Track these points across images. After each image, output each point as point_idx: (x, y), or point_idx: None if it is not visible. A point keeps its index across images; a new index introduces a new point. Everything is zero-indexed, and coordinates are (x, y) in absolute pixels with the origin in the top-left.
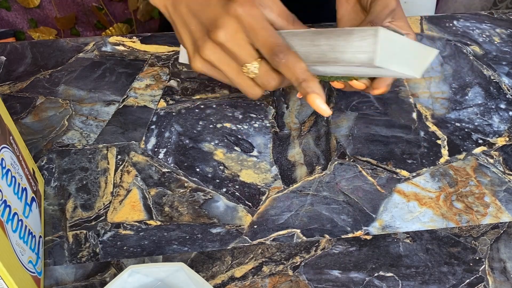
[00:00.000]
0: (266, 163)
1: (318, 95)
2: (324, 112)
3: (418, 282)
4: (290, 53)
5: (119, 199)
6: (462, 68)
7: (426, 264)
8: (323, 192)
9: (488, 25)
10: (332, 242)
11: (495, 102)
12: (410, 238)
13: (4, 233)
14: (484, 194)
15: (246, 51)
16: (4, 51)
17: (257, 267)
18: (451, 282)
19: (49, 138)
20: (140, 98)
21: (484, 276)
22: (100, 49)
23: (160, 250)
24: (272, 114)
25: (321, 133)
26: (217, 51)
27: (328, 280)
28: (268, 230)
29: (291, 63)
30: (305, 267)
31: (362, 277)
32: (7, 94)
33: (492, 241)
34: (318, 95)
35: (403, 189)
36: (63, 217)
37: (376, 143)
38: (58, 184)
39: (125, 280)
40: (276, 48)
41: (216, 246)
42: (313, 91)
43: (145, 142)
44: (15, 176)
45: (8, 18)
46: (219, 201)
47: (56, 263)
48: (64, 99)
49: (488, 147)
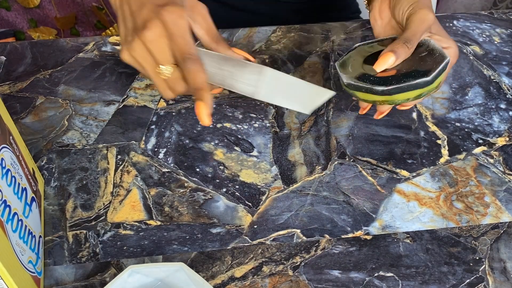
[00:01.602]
0: (266, 163)
1: (205, 104)
2: (203, 119)
3: (418, 282)
4: (197, 63)
5: (119, 199)
6: (462, 68)
7: (426, 264)
8: (323, 192)
9: (488, 25)
10: (332, 242)
11: (495, 102)
12: (410, 238)
13: (4, 233)
14: (484, 194)
15: (164, 54)
16: (4, 51)
17: (257, 267)
18: (451, 282)
19: (49, 138)
20: (140, 98)
21: (484, 276)
22: (100, 49)
23: (160, 250)
24: (272, 114)
25: (321, 133)
26: (141, 49)
27: (328, 280)
28: (268, 230)
29: (195, 71)
30: (305, 267)
31: (362, 277)
32: (7, 94)
33: (492, 241)
34: (205, 104)
35: (403, 189)
36: (63, 217)
37: (376, 143)
38: (58, 184)
39: (125, 280)
40: (187, 55)
41: (216, 246)
42: (202, 99)
43: (145, 142)
44: (15, 176)
45: (8, 18)
46: (219, 201)
47: (56, 263)
48: (64, 99)
49: (488, 147)
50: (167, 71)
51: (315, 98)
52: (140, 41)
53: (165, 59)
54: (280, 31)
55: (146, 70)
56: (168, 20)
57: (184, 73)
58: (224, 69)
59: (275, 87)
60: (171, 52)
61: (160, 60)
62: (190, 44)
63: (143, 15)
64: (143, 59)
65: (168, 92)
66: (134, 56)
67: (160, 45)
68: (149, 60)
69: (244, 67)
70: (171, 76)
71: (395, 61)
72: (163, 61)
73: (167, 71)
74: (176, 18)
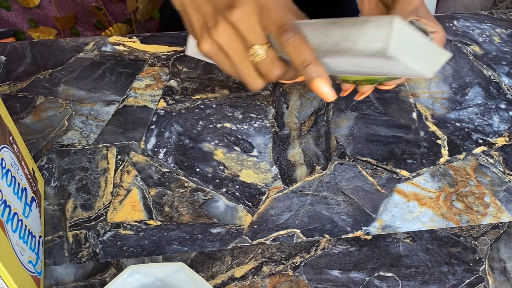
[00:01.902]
0: (266, 163)
1: (323, 79)
2: (328, 96)
3: (418, 282)
4: (298, 34)
5: (119, 199)
6: (462, 68)
7: (426, 264)
8: (323, 192)
9: (488, 25)
10: (332, 242)
11: (495, 102)
12: (410, 238)
13: (4, 233)
14: (484, 194)
15: (257, 33)
16: (4, 51)
17: (257, 267)
18: (451, 282)
19: (49, 138)
20: (140, 98)
21: (484, 276)
22: (100, 49)
23: (160, 250)
24: (272, 114)
25: (321, 133)
26: (228, 32)
27: (328, 280)
28: (268, 230)
29: (298, 44)
30: (305, 267)
31: (362, 277)
32: (7, 94)
33: (492, 241)
34: (323, 79)
35: (403, 189)
36: (63, 217)
37: (376, 143)
38: (58, 184)
39: (125, 280)
40: (285, 27)
41: (216, 246)
42: (318, 75)
43: (145, 142)
44: (15, 176)
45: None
46: (219, 201)
47: (56, 263)
48: (64, 99)
49: (488, 147)
50: (261, 50)
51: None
52: (227, 22)
53: (258, 37)
54: None
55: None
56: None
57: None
58: (333, 34)
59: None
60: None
61: (252, 40)
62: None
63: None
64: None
65: (259, 80)
66: (219, 42)
67: (251, 23)
68: (237, 46)
69: (364, 23)
70: (265, 57)
71: None
72: (256, 40)
73: (261, 50)
74: None
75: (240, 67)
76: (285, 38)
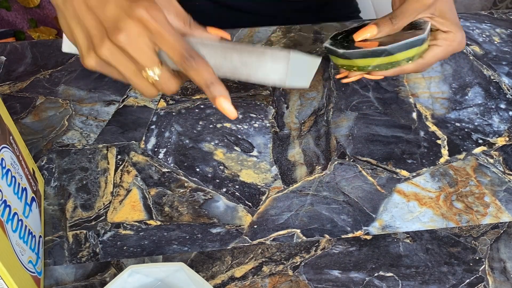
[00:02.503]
0: (266, 163)
1: (225, 97)
2: (230, 113)
3: (418, 282)
4: (199, 59)
5: (119, 199)
6: (462, 68)
7: (426, 264)
8: (323, 192)
9: (488, 25)
10: (332, 242)
11: (495, 102)
12: (410, 238)
13: (4, 233)
14: (484, 194)
15: (148, 56)
16: (4, 51)
17: (257, 267)
18: (451, 282)
19: (49, 138)
20: (140, 98)
21: (484, 276)
22: None
23: (160, 250)
24: (272, 114)
25: (321, 133)
26: (116, 53)
27: (328, 280)
28: (268, 230)
29: (201, 68)
30: (305, 267)
31: (362, 277)
32: (7, 94)
33: (492, 241)
34: (225, 97)
35: (403, 189)
36: (63, 217)
37: (376, 143)
38: (58, 184)
39: (125, 280)
40: (185, 53)
41: (216, 246)
42: (221, 94)
43: (145, 142)
44: (15, 176)
45: (8, 18)
46: (219, 201)
47: (56, 263)
48: (64, 99)
49: (488, 147)
50: (155, 74)
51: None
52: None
53: (151, 61)
54: (280, 31)
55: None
56: (145, 17)
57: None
58: (232, 59)
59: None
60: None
61: (145, 63)
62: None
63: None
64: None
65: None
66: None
67: (141, 46)
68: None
69: (263, 54)
70: (160, 78)
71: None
72: (149, 63)
73: (156, 73)
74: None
75: (134, 81)
76: (187, 64)
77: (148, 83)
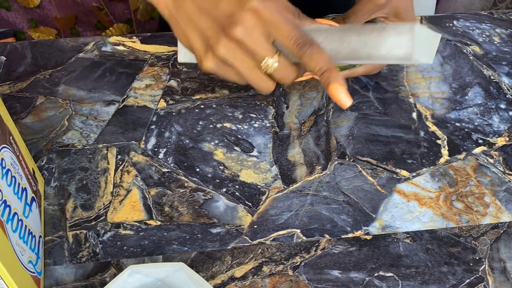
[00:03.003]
0: (266, 163)
1: (340, 84)
2: (344, 102)
3: (418, 282)
4: (313, 44)
5: (119, 199)
6: (462, 68)
7: (426, 264)
8: (323, 192)
9: (488, 25)
10: (332, 242)
11: (495, 102)
12: (410, 238)
13: (4, 233)
14: (484, 194)
15: (265, 46)
16: (4, 51)
17: (257, 267)
18: (451, 282)
19: (49, 138)
20: (140, 98)
21: (484, 276)
22: (100, 49)
23: (160, 250)
24: (272, 114)
25: (321, 133)
26: (233, 48)
27: (328, 280)
28: (268, 230)
29: (316, 54)
30: (305, 267)
31: (362, 277)
32: (7, 94)
33: (492, 241)
34: (340, 84)
35: (403, 189)
36: (63, 217)
37: (376, 143)
38: (58, 184)
39: (125, 280)
40: (300, 40)
41: (216, 246)
42: (336, 81)
43: (145, 142)
44: (15, 176)
45: (8, 18)
46: (219, 201)
47: (56, 263)
48: (64, 99)
49: (488, 147)
50: (273, 62)
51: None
52: (230, 39)
53: (268, 51)
54: None
55: (242, 70)
56: (259, 7)
57: (302, 59)
58: (351, 41)
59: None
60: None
61: (261, 53)
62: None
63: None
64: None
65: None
66: (225, 59)
67: (258, 37)
68: (245, 59)
69: (383, 30)
70: (278, 67)
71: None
72: (265, 52)
73: (274, 62)
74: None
75: (251, 76)
76: (302, 51)
77: (266, 77)
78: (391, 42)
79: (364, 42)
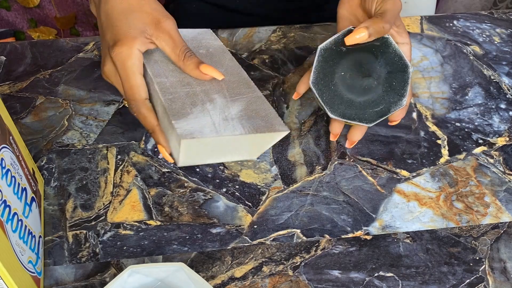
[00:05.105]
0: (266, 163)
1: (162, 147)
2: (166, 158)
3: (418, 282)
4: (143, 108)
5: (119, 199)
6: (462, 68)
7: (426, 264)
8: (323, 192)
9: (488, 25)
10: (332, 242)
11: (495, 102)
12: (410, 238)
13: (4, 233)
14: (484, 194)
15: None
16: (4, 51)
17: (257, 267)
18: (451, 282)
19: (49, 138)
20: None
21: (484, 276)
22: (100, 49)
23: (160, 250)
24: None
25: (321, 133)
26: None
27: (328, 280)
28: (268, 230)
29: (143, 115)
30: (305, 267)
31: (362, 277)
32: (7, 94)
33: (492, 241)
34: (162, 147)
35: (403, 189)
36: (63, 217)
37: (376, 143)
38: (58, 184)
39: (125, 280)
40: (132, 102)
41: (216, 246)
42: (159, 143)
43: (145, 142)
44: (15, 176)
45: (8, 18)
46: (219, 201)
47: (56, 263)
48: (64, 99)
49: (488, 147)
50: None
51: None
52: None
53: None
54: (280, 31)
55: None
56: (116, 61)
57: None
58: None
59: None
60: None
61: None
62: (135, 88)
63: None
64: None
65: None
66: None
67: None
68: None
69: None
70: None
71: (367, 37)
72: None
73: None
74: (124, 60)
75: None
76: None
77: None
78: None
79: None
